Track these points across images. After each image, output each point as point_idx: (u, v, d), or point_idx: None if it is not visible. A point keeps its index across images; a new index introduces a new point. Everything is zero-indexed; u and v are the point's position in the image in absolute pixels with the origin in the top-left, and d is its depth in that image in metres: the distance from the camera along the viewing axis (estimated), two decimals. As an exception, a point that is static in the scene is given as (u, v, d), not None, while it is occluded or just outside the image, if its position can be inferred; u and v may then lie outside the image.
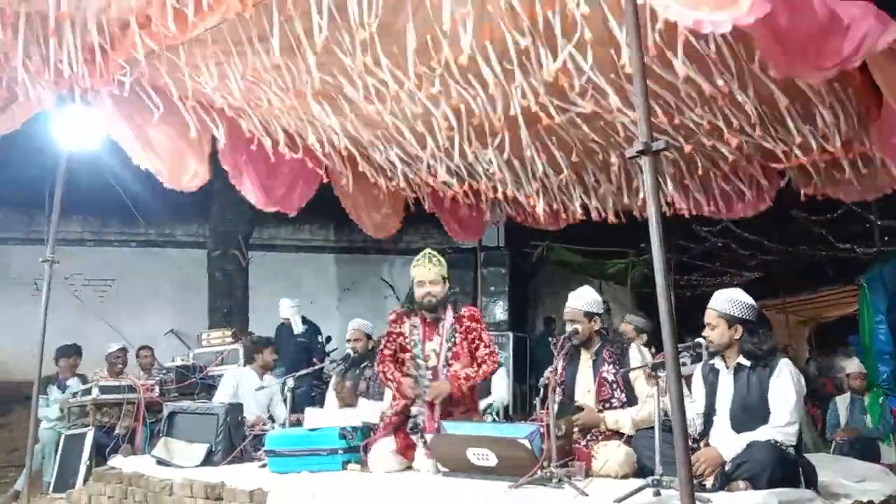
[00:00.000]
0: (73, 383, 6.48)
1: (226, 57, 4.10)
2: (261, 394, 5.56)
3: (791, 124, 4.35)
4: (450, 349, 4.26)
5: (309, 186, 5.82)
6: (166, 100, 4.67)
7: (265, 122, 5.04)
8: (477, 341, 4.27)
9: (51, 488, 5.62)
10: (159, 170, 5.11)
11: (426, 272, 4.31)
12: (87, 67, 4.06)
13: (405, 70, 3.97)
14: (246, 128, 5.07)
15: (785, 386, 3.31)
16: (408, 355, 4.31)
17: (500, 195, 6.13)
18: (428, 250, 4.41)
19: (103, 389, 5.85)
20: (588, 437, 3.92)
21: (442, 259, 4.38)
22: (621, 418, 3.86)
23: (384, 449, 4.11)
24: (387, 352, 4.35)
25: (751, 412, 3.34)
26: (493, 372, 4.37)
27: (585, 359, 4.12)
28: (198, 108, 4.83)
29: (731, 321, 3.44)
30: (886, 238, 8.94)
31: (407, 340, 4.34)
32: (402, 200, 6.52)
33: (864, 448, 6.12)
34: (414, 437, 4.14)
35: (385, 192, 6.25)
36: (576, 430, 3.88)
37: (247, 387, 5.58)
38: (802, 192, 5.42)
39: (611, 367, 4.02)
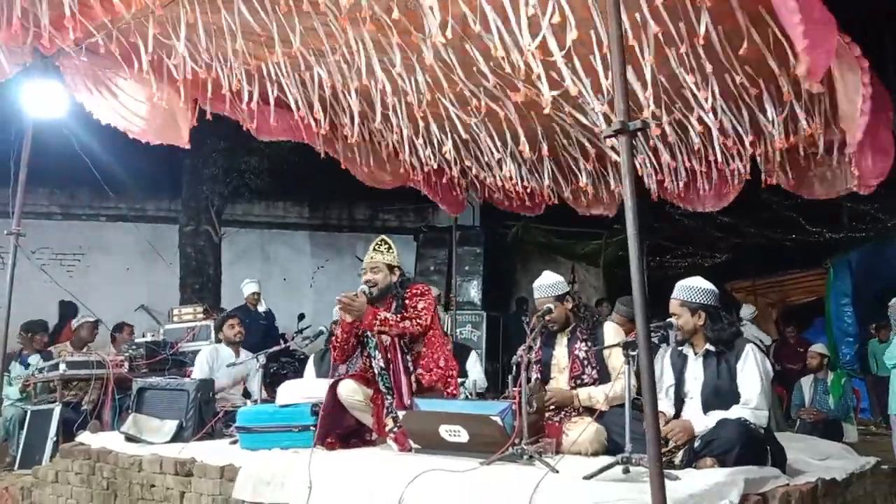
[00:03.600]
0: (35, 360, 6.38)
1: (202, 18, 3.99)
2: (235, 370, 5.52)
3: (759, 114, 4.42)
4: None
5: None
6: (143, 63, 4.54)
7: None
8: (412, 310, 4.13)
9: (16, 464, 5.54)
10: (139, 129, 5.02)
11: (368, 259, 4.26)
12: (56, 31, 3.94)
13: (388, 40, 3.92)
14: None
15: (751, 371, 3.37)
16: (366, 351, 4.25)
17: (474, 176, 6.13)
18: (381, 237, 4.33)
19: (71, 365, 5.76)
20: (561, 415, 3.95)
21: (392, 246, 4.27)
22: (594, 394, 3.90)
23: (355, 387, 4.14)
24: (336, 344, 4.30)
25: (722, 397, 3.39)
26: (414, 334, 4.12)
27: (561, 338, 4.15)
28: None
29: (694, 308, 3.50)
30: (854, 223, 9.12)
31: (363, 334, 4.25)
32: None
33: (827, 427, 6.28)
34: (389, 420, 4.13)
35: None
36: (550, 408, 3.90)
37: (221, 363, 5.54)
38: (767, 180, 5.49)
39: (583, 344, 4.05)
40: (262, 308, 8.08)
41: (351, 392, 4.14)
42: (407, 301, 4.18)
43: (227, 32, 4.05)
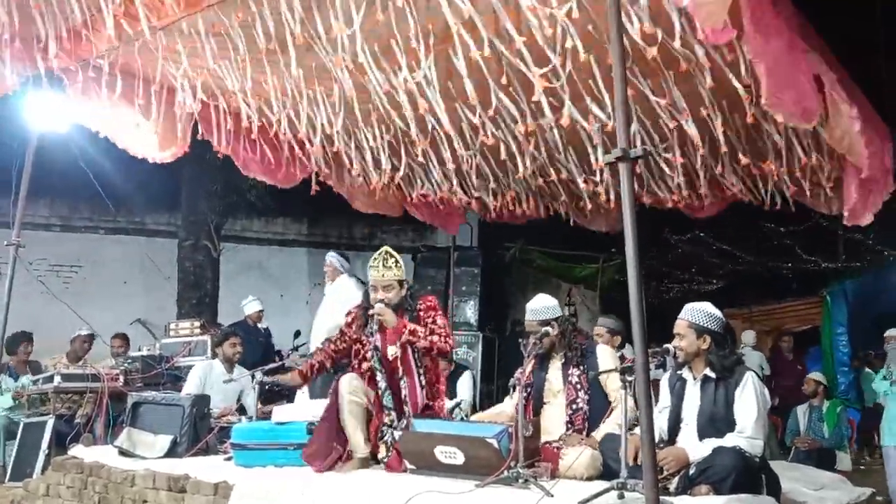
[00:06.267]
0: (26, 380, 6.35)
1: (205, 45, 4.07)
2: (229, 387, 5.50)
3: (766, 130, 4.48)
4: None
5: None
6: (146, 84, 4.63)
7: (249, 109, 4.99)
8: (432, 325, 4.04)
9: (7, 476, 5.51)
10: (137, 146, 5.09)
11: (379, 277, 4.07)
12: (65, 50, 4.01)
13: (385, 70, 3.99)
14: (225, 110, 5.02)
15: (749, 399, 3.37)
16: (366, 365, 4.13)
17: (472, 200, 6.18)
18: (384, 250, 4.15)
19: (66, 377, 5.74)
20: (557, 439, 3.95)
21: (399, 259, 4.13)
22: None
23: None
24: (331, 346, 4.30)
25: (717, 424, 3.39)
26: (445, 351, 4.12)
27: (554, 361, 4.16)
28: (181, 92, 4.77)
29: (700, 332, 3.50)
30: (851, 253, 9.15)
31: (365, 348, 4.16)
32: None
33: (821, 456, 6.27)
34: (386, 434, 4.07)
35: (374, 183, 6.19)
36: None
37: (215, 379, 5.52)
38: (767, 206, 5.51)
39: (575, 369, 4.07)
40: (261, 325, 8.08)
41: (353, 389, 4.01)
42: (421, 313, 4.11)
43: (226, 63, 4.14)
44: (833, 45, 3.74)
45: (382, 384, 4.08)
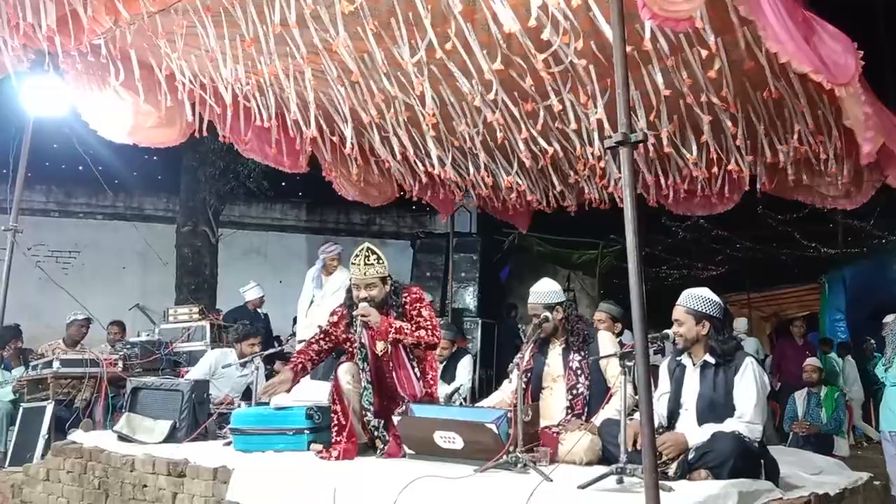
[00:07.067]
0: (19, 372, 6.35)
1: (201, 27, 4.04)
2: (238, 380, 5.49)
3: (766, 122, 4.45)
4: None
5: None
6: (143, 68, 4.59)
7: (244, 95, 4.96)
8: (417, 318, 4.01)
9: (7, 461, 5.52)
10: (139, 134, 5.07)
11: (361, 275, 3.99)
12: (61, 33, 3.97)
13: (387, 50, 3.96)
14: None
15: (748, 384, 3.36)
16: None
17: (473, 181, 6.16)
18: (364, 246, 4.05)
19: (64, 362, 5.74)
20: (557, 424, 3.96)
21: (381, 256, 4.03)
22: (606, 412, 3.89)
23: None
24: (314, 346, 4.25)
25: (717, 409, 3.39)
26: (433, 345, 4.07)
27: (555, 346, 4.16)
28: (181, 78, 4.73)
29: (699, 317, 3.49)
30: (850, 239, 9.18)
31: (353, 346, 4.10)
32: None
33: (819, 441, 6.30)
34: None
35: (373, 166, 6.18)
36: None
37: (225, 368, 5.51)
38: (762, 187, 5.49)
39: (576, 354, 4.06)
40: (262, 311, 8.10)
41: (349, 378, 4.03)
42: (407, 307, 4.07)
43: (224, 44, 4.10)
44: (829, 15, 3.70)
45: (364, 381, 4.01)
